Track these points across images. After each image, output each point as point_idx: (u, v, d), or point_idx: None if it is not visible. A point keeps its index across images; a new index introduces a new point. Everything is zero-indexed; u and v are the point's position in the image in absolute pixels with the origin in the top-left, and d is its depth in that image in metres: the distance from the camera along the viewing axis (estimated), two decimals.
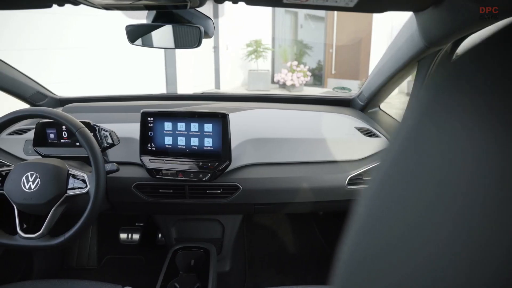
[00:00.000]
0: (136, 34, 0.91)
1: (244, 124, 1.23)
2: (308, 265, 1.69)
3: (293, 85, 7.97)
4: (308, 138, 1.23)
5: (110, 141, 1.07)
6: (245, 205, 1.20)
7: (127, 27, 0.93)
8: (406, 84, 5.54)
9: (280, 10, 9.01)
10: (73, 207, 1.01)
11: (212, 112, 1.07)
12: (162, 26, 0.86)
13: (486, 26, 0.72)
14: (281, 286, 0.96)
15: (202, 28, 0.81)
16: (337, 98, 1.60)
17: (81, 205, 1.07)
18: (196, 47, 0.83)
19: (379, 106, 1.53)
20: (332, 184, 1.17)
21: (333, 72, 8.66)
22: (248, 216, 1.41)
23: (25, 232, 0.93)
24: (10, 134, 1.26)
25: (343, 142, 1.25)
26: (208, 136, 1.08)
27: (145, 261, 1.66)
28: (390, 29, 7.05)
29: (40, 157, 1.13)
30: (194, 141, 1.08)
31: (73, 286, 0.97)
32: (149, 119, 1.10)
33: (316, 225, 1.85)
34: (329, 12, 8.17)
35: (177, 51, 6.43)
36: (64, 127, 1.11)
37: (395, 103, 1.65)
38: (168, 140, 1.10)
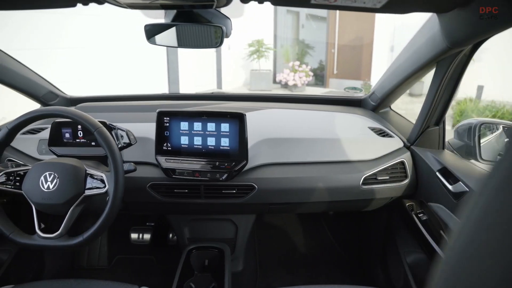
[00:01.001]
0: (155, 33, 0.91)
1: (259, 124, 1.23)
2: (318, 265, 1.69)
3: (295, 85, 7.97)
4: (322, 138, 1.23)
5: (126, 140, 1.07)
6: (260, 205, 1.20)
7: (146, 26, 0.93)
8: None
9: (282, 10, 9.00)
10: (89, 207, 1.00)
11: (229, 112, 1.07)
12: (182, 25, 0.86)
13: (509, 28, 0.73)
14: (292, 286, 0.96)
15: (224, 28, 0.81)
16: (347, 98, 1.60)
17: (97, 205, 1.07)
18: (217, 46, 0.83)
19: (390, 107, 1.54)
20: (346, 183, 1.17)
21: (335, 72, 8.67)
22: (258, 215, 1.42)
23: (43, 232, 0.93)
24: (23, 133, 1.25)
25: (357, 142, 1.25)
26: (225, 136, 1.08)
27: (156, 261, 1.66)
28: (392, 30, 7.05)
29: (55, 156, 1.13)
30: (211, 141, 1.08)
31: (90, 286, 0.97)
32: (165, 118, 1.10)
33: (326, 224, 1.85)
34: (331, 12, 8.17)
35: (180, 50, 6.43)
36: (79, 126, 1.11)
37: (397, 103, 1.68)
38: (184, 140, 1.10)
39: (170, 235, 1.55)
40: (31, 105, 1.50)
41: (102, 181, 0.94)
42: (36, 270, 1.43)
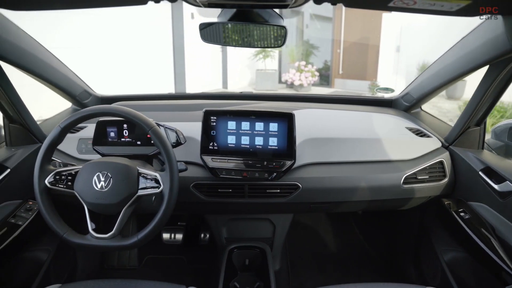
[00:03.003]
0: (211, 33, 0.91)
1: (300, 124, 1.23)
2: (349, 264, 1.70)
3: (301, 85, 7.98)
4: (363, 138, 1.24)
5: (173, 139, 1.06)
6: (302, 204, 1.20)
7: (201, 25, 0.93)
8: None
9: (286, 10, 8.98)
10: (138, 207, 1.00)
11: (278, 111, 1.07)
12: (242, 25, 0.86)
13: None
14: (327, 286, 0.96)
15: (287, 28, 0.81)
16: (378, 98, 1.61)
17: (144, 205, 1.07)
18: (280, 46, 0.83)
19: (421, 107, 1.55)
20: (388, 183, 1.18)
21: (341, 72, 8.68)
22: (294, 215, 1.42)
23: (96, 232, 0.92)
24: None
25: (397, 142, 1.26)
26: (273, 136, 1.08)
27: (186, 261, 1.66)
28: (399, 30, 7.07)
29: (97, 156, 1.12)
30: (259, 140, 1.08)
31: (137, 286, 0.97)
32: (212, 118, 1.10)
33: (355, 223, 1.86)
34: (337, 12, 8.19)
35: (185, 50, 6.41)
36: (125, 125, 1.10)
37: None
38: (231, 139, 1.09)
39: (202, 235, 1.55)
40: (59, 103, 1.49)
41: (156, 181, 0.93)
42: (71, 270, 1.43)
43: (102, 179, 0.92)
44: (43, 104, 1.95)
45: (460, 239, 1.17)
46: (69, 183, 0.96)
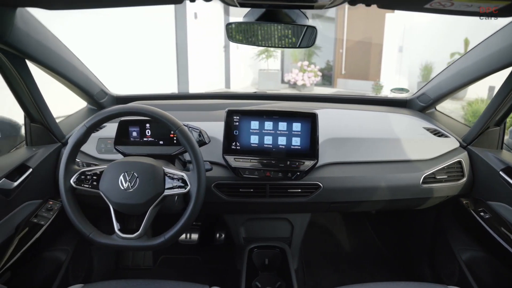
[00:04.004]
0: (239, 32, 0.91)
1: (319, 124, 1.23)
2: (363, 263, 1.70)
3: (303, 85, 7.99)
4: (382, 138, 1.25)
5: (198, 139, 1.06)
6: (322, 204, 1.20)
7: (228, 24, 0.93)
8: None
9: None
10: (162, 207, 1.00)
11: (302, 111, 1.07)
12: (272, 25, 0.86)
13: None
14: (345, 285, 0.96)
15: (317, 28, 0.81)
16: (392, 98, 1.61)
17: (168, 205, 1.07)
18: (309, 46, 0.83)
19: (435, 107, 1.55)
20: (407, 182, 1.19)
21: (343, 72, 8.69)
22: (312, 214, 1.42)
23: (121, 232, 0.92)
24: None
25: (415, 142, 1.26)
26: (296, 136, 1.08)
27: (201, 261, 1.66)
28: (402, 30, 7.08)
29: (118, 155, 1.12)
30: (282, 140, 1.08)
31: (160, 286, 0.97)
32: (235, 117, 1.10)
33: (369, 223, 1.86)
34: (340, 12, 8.19)
35: (188, 50, 6.41)
36: (148, 125, 1.10)
37: None
38: (254, 139, 1.10)
39: (217, 235, 1.55)
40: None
41: (183, 181, 0.93)
42: (87, 270, 1.42)
43: (128, 178, 0.91)
44: None
45: (479, 239, 1.18)
46: (94, 183, 0.95)
